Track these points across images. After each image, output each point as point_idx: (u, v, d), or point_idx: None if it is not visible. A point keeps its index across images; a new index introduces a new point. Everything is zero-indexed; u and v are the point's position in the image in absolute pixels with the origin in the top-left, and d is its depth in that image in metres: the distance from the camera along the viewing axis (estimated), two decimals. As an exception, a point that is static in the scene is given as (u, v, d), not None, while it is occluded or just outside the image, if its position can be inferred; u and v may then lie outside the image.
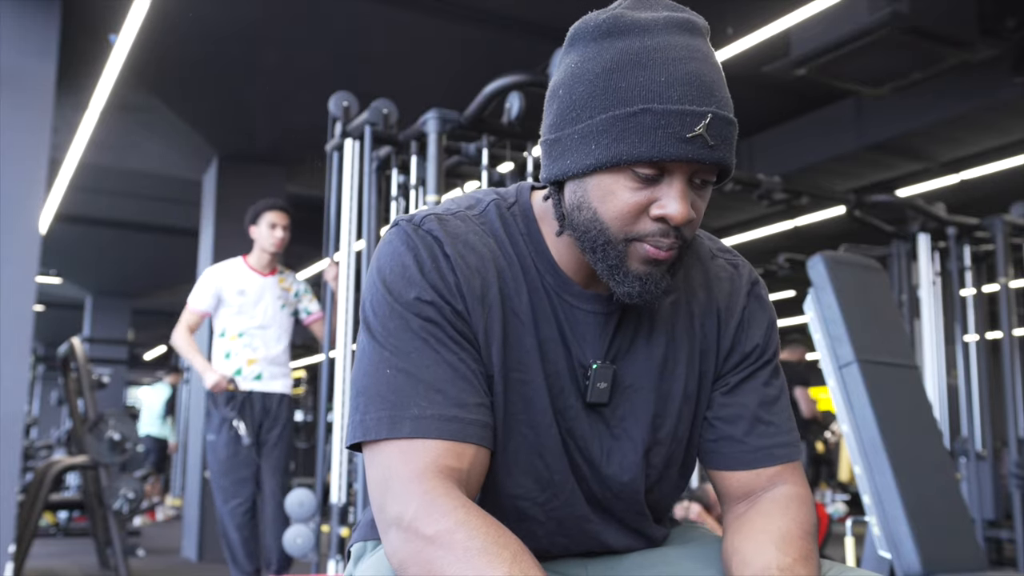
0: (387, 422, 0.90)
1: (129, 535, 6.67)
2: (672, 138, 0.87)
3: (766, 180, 4.75)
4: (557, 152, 0.94)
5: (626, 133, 0.88)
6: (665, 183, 0.90)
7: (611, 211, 0.91)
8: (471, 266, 0.96)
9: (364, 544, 1.09)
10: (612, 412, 1.01)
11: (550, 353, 0.99)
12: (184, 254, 8.06)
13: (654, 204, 0.90)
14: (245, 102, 6.20)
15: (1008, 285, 4.90)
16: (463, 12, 4.87)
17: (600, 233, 0.92)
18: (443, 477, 0.88)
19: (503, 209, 1.02)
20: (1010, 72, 5.24)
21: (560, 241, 1.00)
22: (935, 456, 3.17)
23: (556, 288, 1.00)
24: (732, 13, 4.81)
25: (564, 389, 0.99)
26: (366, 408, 0.92)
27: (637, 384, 1.02)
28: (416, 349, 0.92)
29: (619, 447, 1.02)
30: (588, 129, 0.90)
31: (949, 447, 4.90)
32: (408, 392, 0.91)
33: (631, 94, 0.88)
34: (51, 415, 13.50)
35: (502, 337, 0.96)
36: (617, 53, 0.90)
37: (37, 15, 4.54)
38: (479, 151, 3.83)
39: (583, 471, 1.01)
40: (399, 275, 0.95)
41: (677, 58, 0.89)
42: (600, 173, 0.91)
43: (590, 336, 1.00)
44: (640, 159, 0.88)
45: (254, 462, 3.86)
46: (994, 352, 5.28)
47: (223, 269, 4.02)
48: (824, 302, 3.17)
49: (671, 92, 0.88)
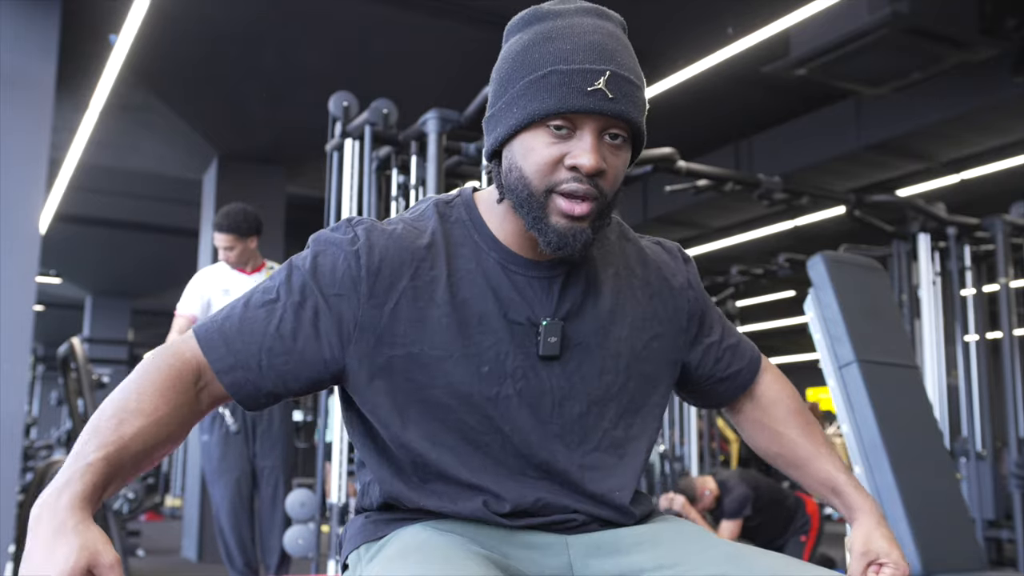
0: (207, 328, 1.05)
1: (129, 535, 6.67)
2: (575, 92, 1.00)
3: (766, 180, 4.75)
4: (491, 127, 1.08)
5: (538, 92, 1.01)
6: (576, 137, 1.02)
7: (531, 165, 1.03)
8: (383, 264, 1.05)
9: (358, 552, 1.11)
10: (563, 366, 1.09)
11: (488, 325, 1.07)
12: (184, 254, 8.05)
13: (567, 156, 1.02)
14: (245, 102, 6.20)
15: (1008, 285, 4.90)
16: (463, 12, 4.87)
17: (524, 187, 1.03)
18: (192, 355, 1.03)
19: (442, 206, 1.14)
20: (1010, 72, 5.24)
21: (502, 221, 1.10)
22: (935, 456, 3.17)
23: (501, 261, 1.10)
24: (732, 13, 4.81)
25: (510, 353, 1.07)
26: (215, 317, 1.07)
27: (585, 342, 1.11)
28: (269, 301, 1.05)
29: (572, 391, 1.10)
30: (510, 98, 1.04)
31: (949, 447, 4.90)
32: (236, 321, 1.05)
33: (541, 61, 1.02)
34: (51, 415, 13.50)
35: (407, 320, 1.05)
36: (533, 34, 1.05)
37: (37, 15, 4.54)
38: (479, 151, 3.83)
39: (541, 413, 1.08)
40: (311, 252, 1.08)
41: (583, 31, 1.03)
42: (522, 133, 1.03)
43: (538, 299, 1.09)
44: (549, 112, 1.00)
45: (249, 461, 3.85)
46: (994, 352, 5.28)
47: (207, 272, 4.01)
48: (824, 302, 3.17)
49: (575, 56, 1.01)
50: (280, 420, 3.91)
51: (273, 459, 3.86)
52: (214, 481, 3.85)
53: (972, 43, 4.74)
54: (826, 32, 4.67)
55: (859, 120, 6.36)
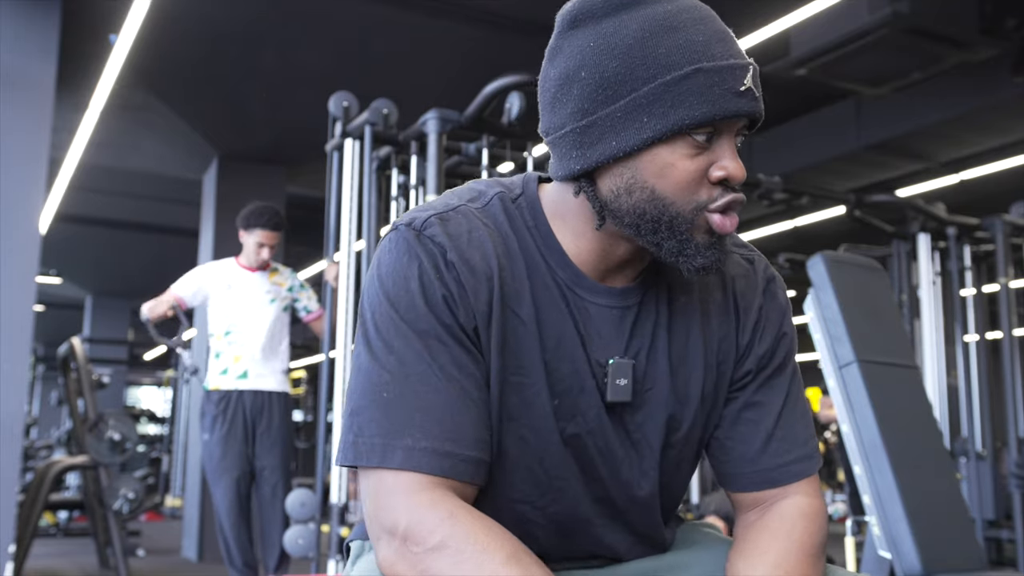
0: (379, 450, 0.87)
1: (129, 535, 6.67)
2: (728, 94, 0.85)
3: (766, 180, 4.75)
4: (592, 137, 0.88)
5: (681, 97, 0.84)
6: (717, 144, 0.88)
7: (672, 184, 0.87)
8: (476, 271, 0.91)
9: (363, 543, 1.08)
10: (632, 415, 0.97)
11: (565, 351, 0.94)
12: (184, 254, 8.05)
13: (712, 167, 0.88)
14: (245, 102, 6.20)
15: (1008, 285, 4.90)
16: (463, 12, 4.87)
17: (664, 210, 0.88)
18: (434, 487, 0.87)
19: (508, 202, 0.97)
20: (1010, 72, 5.24)
21: (573, 234, 0.95)
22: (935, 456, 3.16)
23: (568, 283, 0.95)
24: (732, 13, 4.79)
25: (584, 388, 0.95)
26: (360, 430, 0.89)
27: (656, 386, 0.98)
28: (417, 373, 0.88)
29: (637, 453, 0.98)
30: (633, 103, 0.86)
31: (949, 447, 4.90)
32: (403, 419, 0.87)
33: (675, 57, 0.85)
34: (51, 415, 13.49)
35: (501, 340, 0.92)
36: (644, 20, 0.87)
37: (37, 15, 4.54)
38: (479, 151, 3.83)
39: (600, 472, 0.98)
40: (403, 289, 0.90)
41: (702, 17, 0.88)
42: (653, 148, 0.86)
43: (606, 332, 0.96)
44: (703, 120, 0.85)
45: (248, 461, 3.85)
46: (994, 352, 5.27)
47: (213, 266, 4.05)
48: (824, 302, 3.17)
49: (714, 49, 0.86)
50: (280, 420, 3.91)
51: (273, 459, 3.87)
52: (214, 480, 3.85)
53: (972, 43, 4.74)
54: (826, 32, 4.67)
55: (859, 120, 6.36)
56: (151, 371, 16.69)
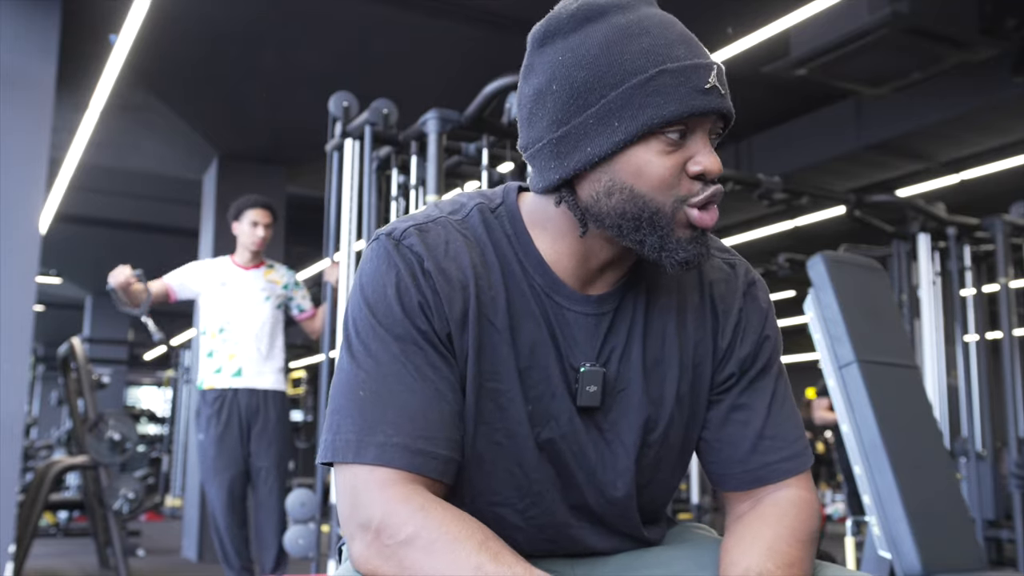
0: (354, 445, 0.91)
1: (129, 535, 6.67)
2: (693, 92, 0.88)
3: (766, 180, 4.75)
4: (568, 146, 0.91)
5: (649, 98, 0.87)
6: (691, 141, 0.91)
7: (649, 182, 0.90)
8: (451, 280, 0.95)
9: None
10: (604, 416, 1.00)
11: (539, 358, 0.97)
12: (184, 254, 8.02)
13: (688, 163, 0.91)
14: (245, 102, 6.20)
15: (1008, 285, 4.90)
16: (463, 12, 4.87)
17: (644, 207, 0.90)
18: (406, 482, 0.90)
19: (487, 212, 1.01)
20: (1010, 72, 5.24)
21: (552, 242, 0.98)
22: (935, 456, 3.16)
23: (545, 289, 0.98)
24: (732, 13, 4.81)
25: (556, 394, 0.98)
26: (337, 428, 0.92)
27: (629, 388, 1.00)
28: (393, 373, 0.92)
29: (611, 452, 1.00)
30: (603, 109, 0.89)
31: (949, 447, 4.89)
32: (377, 416, 0.91)
33: (640, 61, 0.88)
34: (51, 415, 13.49)
35: (477, 348, 0.95)
36: (607, 30, 0.90)
37: (37, 15, 4.54)
38: (479, 151, 3.83)
39: (576, 477, 1.00)
40: (380, 296, 0.95)
41: (664, 23, 0.91)
42: (628, 149, 0.89)
43: (581, 338, 0.99)
44: (671, 118, 0.88)
45: (244, 461, 3.85)
46: (994, 352, 5.27)
47: (207, 263, 4.07)
48: (824, 302, 3.17)
49: (677, 51, 0.89)
50: (276, 419, 3.90)
51: (269, 459, 3.86)
52: (209, 480, 3.85)
53: (972, 43, 4.74)
54: (826, 32, 4.67)
55: (859, 120, 6.36)
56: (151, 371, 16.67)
